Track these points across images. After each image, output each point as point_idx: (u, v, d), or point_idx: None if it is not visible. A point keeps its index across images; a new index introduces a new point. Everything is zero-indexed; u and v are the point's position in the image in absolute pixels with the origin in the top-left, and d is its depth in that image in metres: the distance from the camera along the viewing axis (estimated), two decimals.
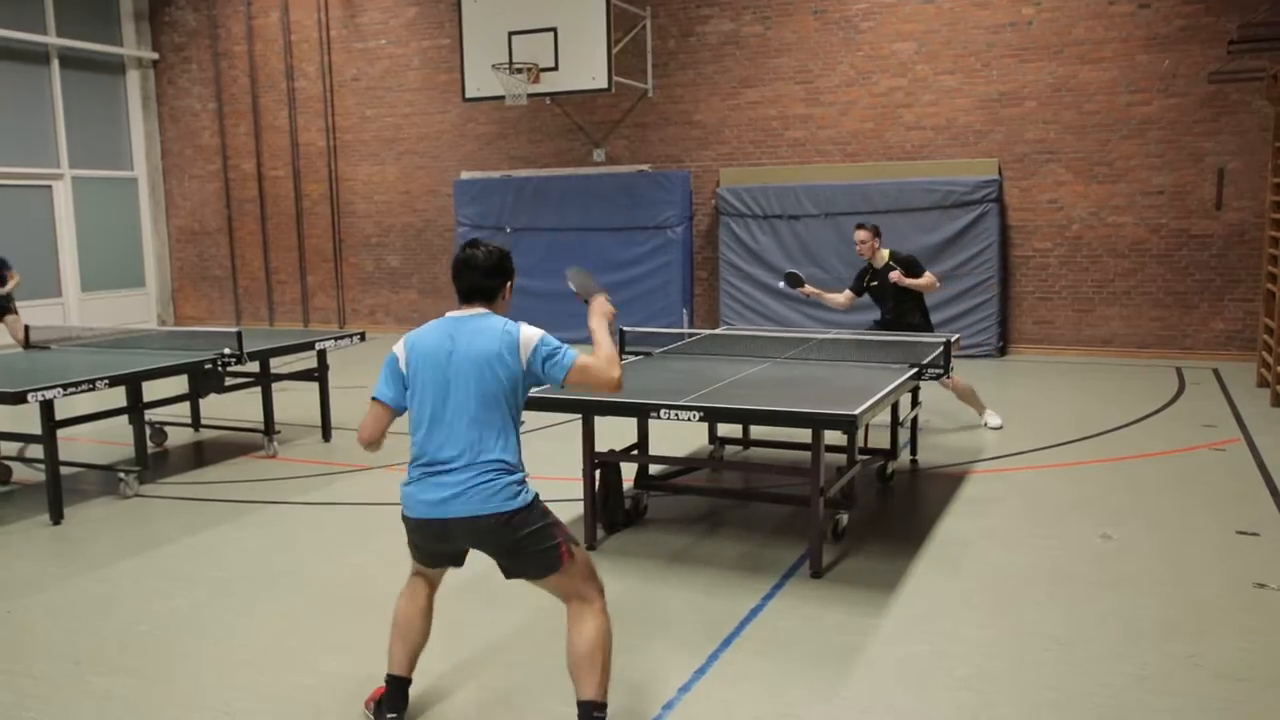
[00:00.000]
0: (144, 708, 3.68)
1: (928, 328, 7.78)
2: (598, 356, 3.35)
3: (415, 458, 3.28)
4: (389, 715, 3.44)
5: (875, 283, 7.71)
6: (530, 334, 3.31)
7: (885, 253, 7.70)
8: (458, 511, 3.17)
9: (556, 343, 3.33)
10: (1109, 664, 3.87)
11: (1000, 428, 7.89)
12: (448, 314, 3.40)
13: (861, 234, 7.64)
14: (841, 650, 4.04)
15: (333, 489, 6.63)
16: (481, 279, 3.39)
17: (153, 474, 7.02)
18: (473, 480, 3.16)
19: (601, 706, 3.21)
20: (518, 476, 3.24)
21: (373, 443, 3.39)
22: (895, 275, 7.51)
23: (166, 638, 4.28)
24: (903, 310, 7.69)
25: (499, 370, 3.24)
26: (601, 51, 12.07)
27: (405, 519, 3.32)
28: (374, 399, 3.36)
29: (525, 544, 3.20)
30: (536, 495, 3.28)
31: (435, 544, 3.32)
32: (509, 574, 3.34)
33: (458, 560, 3.44)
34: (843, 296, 7.85)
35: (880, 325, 7.87)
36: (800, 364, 6.18)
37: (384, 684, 3.47)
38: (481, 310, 3.39)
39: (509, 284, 3.47)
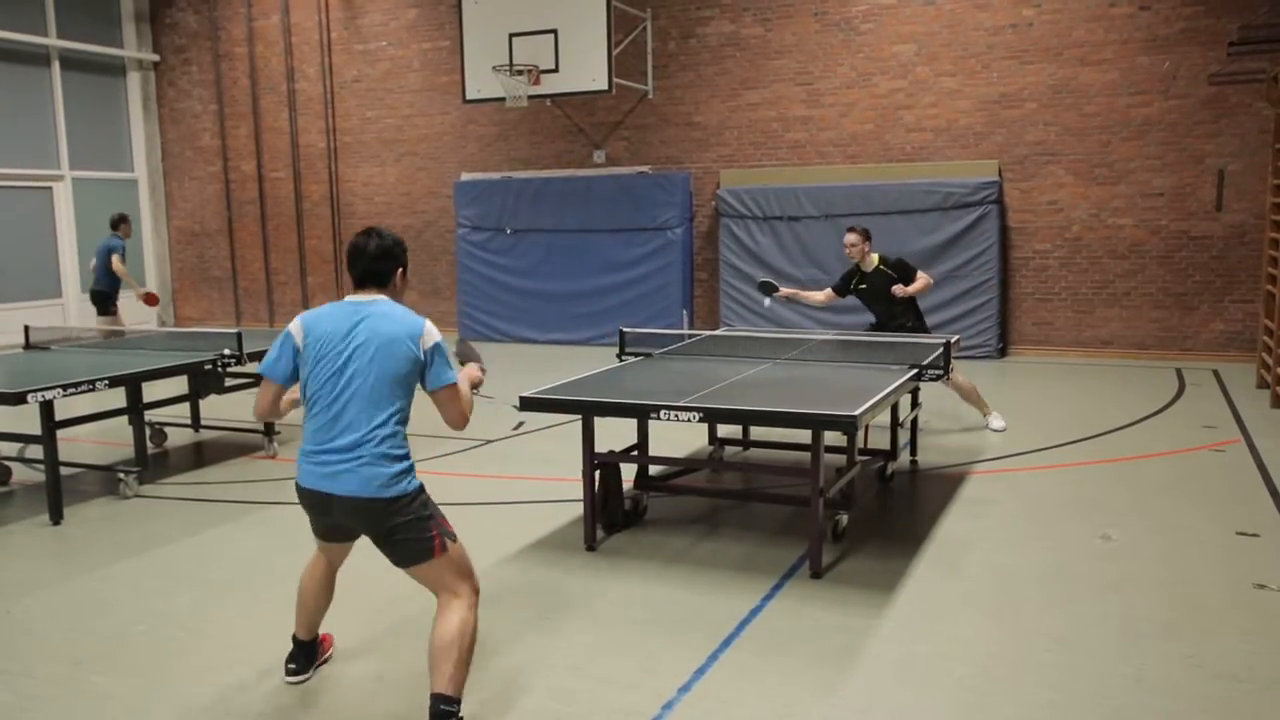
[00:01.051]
0: (143, 708, 3.67)
1: (922, 329, 7.78)
2: (466, 397, 3.50)
3: (310, 432, 3.38)
4: (289, 666, 3.80)
5: (864, 286, 7.70)
6: (431, 330, 3.39)
7: (875, 256, 7.69)
8: (340, 489, 3.27)
9: (447, 351, 3.44)
10: (1109, 664, 3.87)
11: (1003, 430, 7.88)
12: (346, 298, 3.48)
13: (852, 237, 7.63)
14: (841, 650, 4.04)
15: None
16: (373, 264, 3.43)
17: (152, 474, 7.02)
18: (359, 461, 3.26)
19: (451, 700, 3.22)
20: (403, 466, 3.32)
21: (264, 416, 3.60)
22: (898, 289, 7.50)
23: (166, 638, 4.28)
24: (894, 313, 7.68)
25: (403, 356, 3.31)
26: (602, 53, 12.08)
27: (296, 487, 3.42)
28: (263, 375, 3.49)
29: (398, 530, 3.30)
30: (420, 487, 3.38)
31: (319, 515, 3.44)
32: (389, 558, 3.43)
33: (349, 535, 3.58)
34: (822, 295, 7.89)
35: (872, 325, 7.89)
36: (800, 365, 6.19)
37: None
38: (380, 296, 3.45)
39: (400, 270, 3.50)
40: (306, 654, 3.83)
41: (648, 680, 3.78)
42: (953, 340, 6.30)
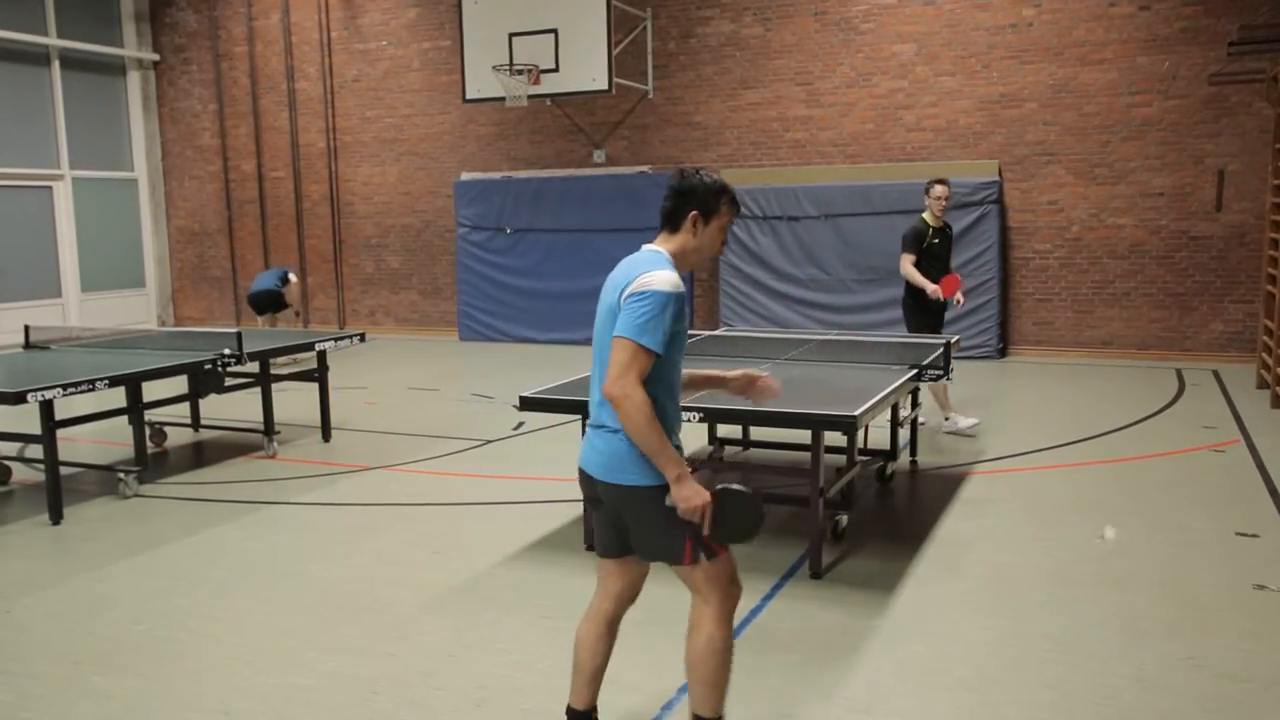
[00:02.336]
0: (143, 707, 3.67)
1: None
2: (629, 361, 2.79)
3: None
4: None
5: (936, 241, 7.72)
6: (647, 279, 2.83)
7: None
8: (594, 470, 2.99)
9: (652, 308, 2.79)
10: (1109, 664, 3.87)
11: (972, 426, 7.71)
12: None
13: (946, 189, 7.70)
14: (841, 650, 4.04)
15: (333, 489, 6.63)
16: (664, 202, 3.04)
17: (152, 474, 7.02)
18: (600, 442, 2.97)
19: None
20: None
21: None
22: (960, 298, 7.73)
23: (165, 637, 4.28)
24: (944, 272, 7.77)
25: (612, 306, 2.89)
26: (602, 53, 12.08)
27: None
28: None
29: (642, 525, 2.96)
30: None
31: (590, 501, 3.13)
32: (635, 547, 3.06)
33: (623, 543, 3.08)
34: (912, 267, 7.66)
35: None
36: (800, 365, 6.19)
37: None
38: (655, 244, 3.03)
39: (696, 212, 3.00)
40: None
41: (648, 680, 3.78)
42: (953, 340, 6.30)
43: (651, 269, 2.87)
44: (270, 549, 5.45)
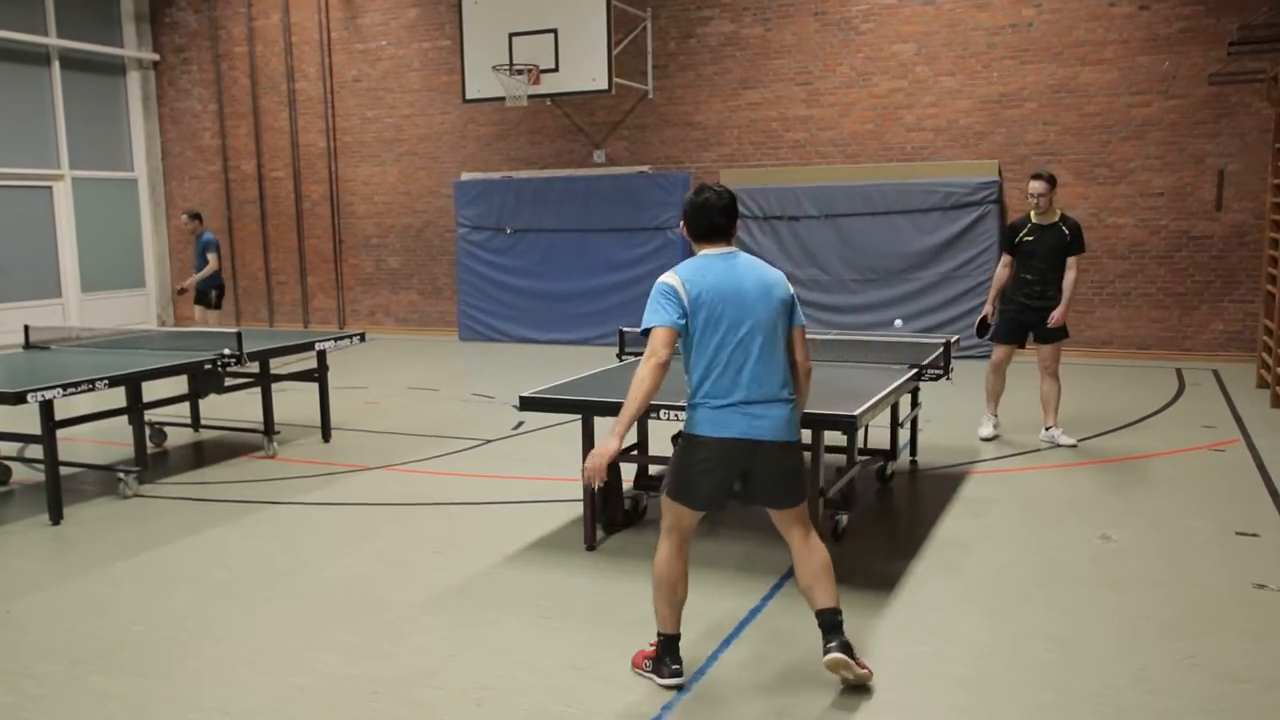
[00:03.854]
0: (143, 708, 3.67)
1: (1058, 302, 7.36)
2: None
3: (708, 386, 3.59)
4: (676, 668, 3.74)
5: (1031, 238, 7.24)
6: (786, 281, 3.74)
7: (1057, 210, 7.32)
8: (768, 434, 3.55)
9: None
10: (1109, 664, 3.87)
11: (1072, 445, 7.42)
12: (704, 252, 3.68)
13: (1039, 185, 7.14)
14: None
15: (333, 489, 6.62)
16: (721, 218, 3.66)
17: (152, 474, 7.01)
18: (777, 411, 3.58)
19: (839, 610, 3.66)
20: (798, 412, 3.72)
21: (662, 368, 3.59)
22: (1055, 316, 7.26)
23: (165, 638, 4.28)
24: (1051, 277, 7.28)
25: (779, 303, 3.61)
26: (602, 53, 12.08)
27: (706, 440, 3.59)
28: (657, 327, 3.60)
29: (798, 471, 3.70)
30: None
31: (730, 466, 3.61)
32: (767, 500, 3.70)
33: (725, 500, 3.74)
34: (1005, 270, 7.44)
35: (1019, 286, 7.37)
36: None
37: (660, 644, 3.78)
38: (731, 248, 3.70)
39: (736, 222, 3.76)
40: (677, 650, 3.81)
41: (648, 680, 3.78)
42: (953, 340, 6.30)
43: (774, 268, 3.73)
44: (270, 549, 5.45)
